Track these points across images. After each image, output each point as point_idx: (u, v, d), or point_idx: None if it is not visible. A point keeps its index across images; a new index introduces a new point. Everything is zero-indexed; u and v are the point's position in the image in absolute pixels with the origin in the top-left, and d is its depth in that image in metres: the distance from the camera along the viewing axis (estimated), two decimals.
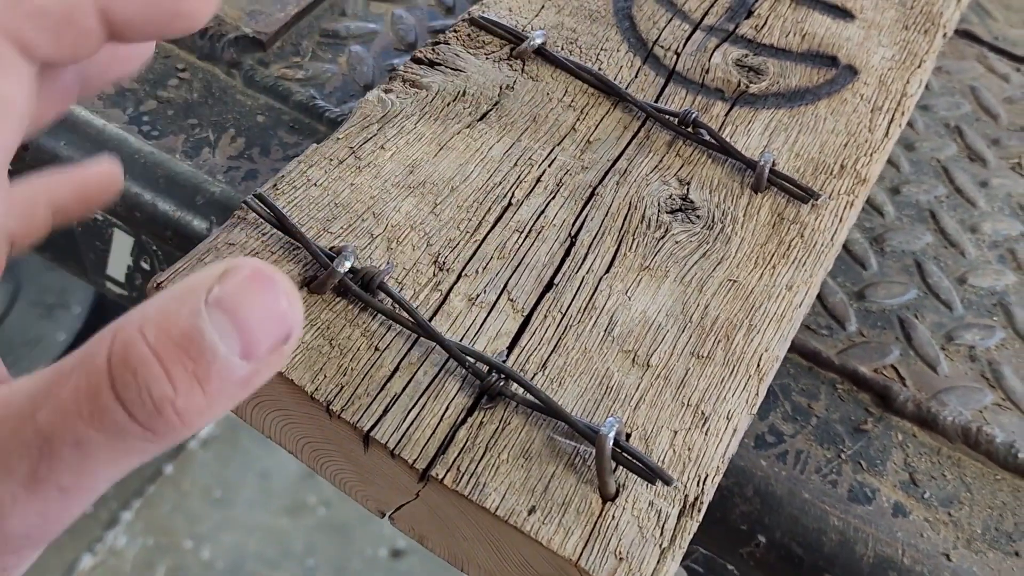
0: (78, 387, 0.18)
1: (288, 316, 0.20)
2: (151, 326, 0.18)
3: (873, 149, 0.42)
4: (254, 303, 0.19)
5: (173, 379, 0.18)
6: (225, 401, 0.19)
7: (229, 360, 0.19)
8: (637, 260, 0.36)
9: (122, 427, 0.18)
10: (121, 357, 0.18)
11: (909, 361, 0.44)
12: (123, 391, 0.18)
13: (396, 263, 0.34)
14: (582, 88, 0.42)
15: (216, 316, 0.19)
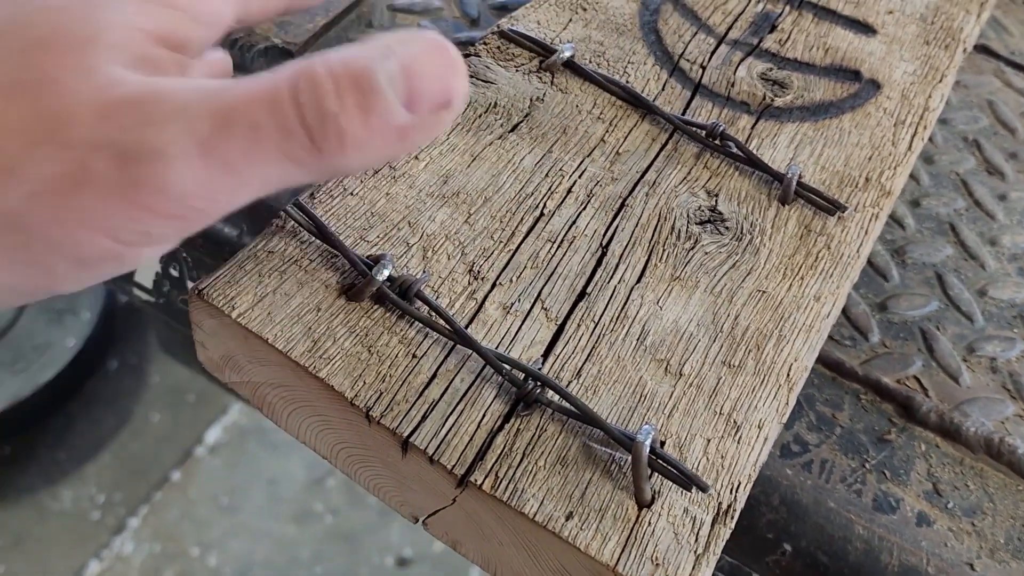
0: (263, 85, 0.22)
1: (453, 85, 0.23)
2: (331, 62, 0.22)
3: (897, 162, 0.43)
4: (424, 63, 0.22)
5: (343, 101, 0.21)
6: (381, 143, 0.22)
7: (393, 103, 0.22)
8: (668, 270, 0.36)
9: (291, 127, 0.22)
10: (303, 73, 0.21)
11: (931, 372, 0.45)
12: (299, 96, 0.21)
13: (432, 272, 0.35)
14: (610, 100, 0.42)
15: (388, 65, 0.22)
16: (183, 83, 0.23)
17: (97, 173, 0.21)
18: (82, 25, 0.24)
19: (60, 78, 0.22)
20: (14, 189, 0.21)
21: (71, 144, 0.21)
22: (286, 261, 0.34)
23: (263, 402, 0.35)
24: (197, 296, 0.33)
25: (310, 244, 0.34)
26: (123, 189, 0.22)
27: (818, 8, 0.50)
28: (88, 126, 0.22)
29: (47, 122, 0.22)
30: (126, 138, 0.22)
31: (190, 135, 0.22)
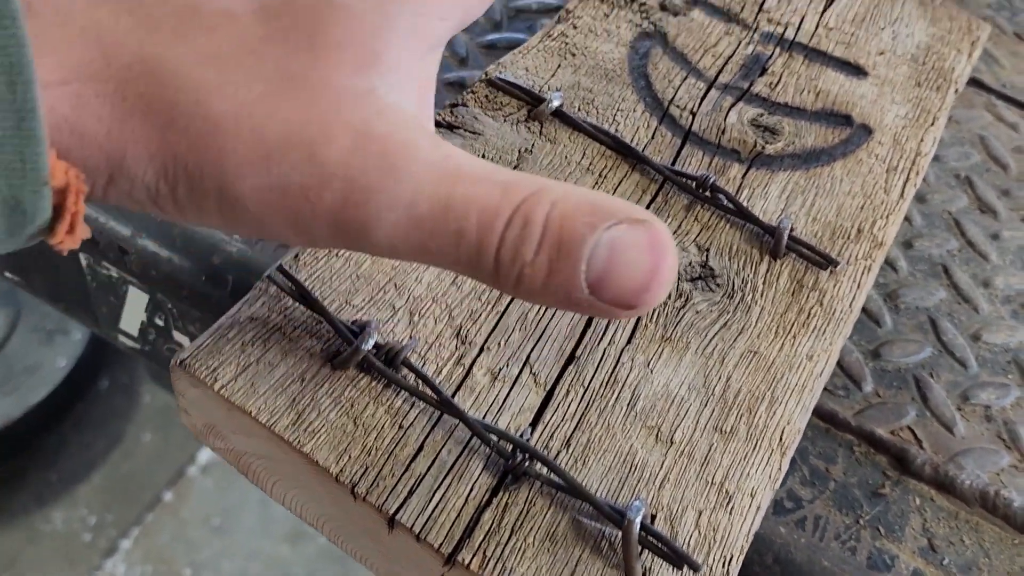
0: (487, 199, 0.23)
1: (644, 296, 0.23)
2: (560, 209, 0.22)
3: (889, 211, 0.42)
4: (631, 265, 0.23)
5: (538, 256, 0.22)
6: (551, 296, 0.23)
7: (580, 280, 0.22)
8: (658, 331, 0.36)
9: (486, 252, 0.23)
10: (527, 210, 0.22)
11: (926, 422, 0.44)
12: (508, 229, 0.23)
13: (419, 337, 0.34)
14: (600, 150, 0.42)
15: (600, 247, 0.22)
16: (427, 143, 0.24)
17: (324, 197, 0.23)
18: (372, 28, 0.25)
19: (335, 90, 0.23)
20: (252, 178, 0.23)
21: (318, 164, 0.23)
22: (270, 328, 0.33)
23: (248, 469, 0.34)
24: (179, 367, 0.32)
25: (294, 310, 0.34)
26: (336, 218, 0.23)
27: (809, 50, 0.50)
28: (339, 155, 0.23)
29: (307, 133, 0.23)
30: (362, 181, 0.23)
31: (409, 211, 0.23)
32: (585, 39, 0.47)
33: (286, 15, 0.24)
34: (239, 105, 0.23)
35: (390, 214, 0.23)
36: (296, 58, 0.24)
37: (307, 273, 0.35)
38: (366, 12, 0.25)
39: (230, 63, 0.23)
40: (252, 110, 0.23)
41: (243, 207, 0.24)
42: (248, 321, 0.33)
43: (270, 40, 0.24)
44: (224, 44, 0.23)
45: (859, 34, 0.51)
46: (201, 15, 0.23)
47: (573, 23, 0.48)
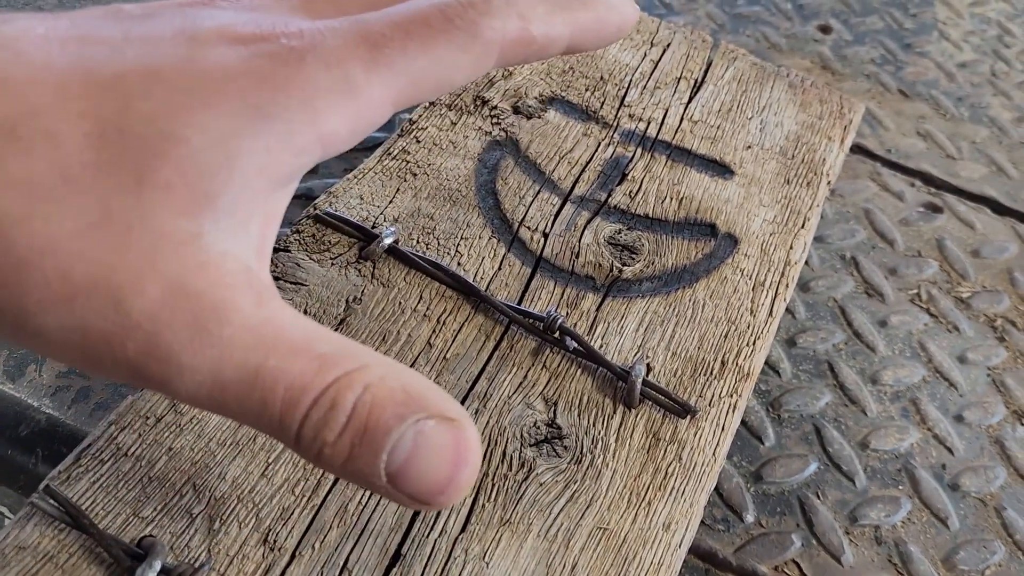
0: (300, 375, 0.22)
1: (439, 498, 0.22)
2: (372, 394, 0.22)
3: (756, 335, 0.39)
4: (431, 465, 0.22)
5: (341, 436, 0.22)
6: (350, 477, 0.22)
7: (378, 469, 0.22)
8: (496, 513, 0.32)
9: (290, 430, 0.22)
10: (336, 392, 0.22)
11: (812, 552, 0.41)
12: (313, 408, 0.22)
13: (219, 549, 0.30)
14: (439, 291, 0.38)
15: (404, 440, 0.22)
16: (248, 304, 0.23)
17: (125, 347, 0.22)
18: (210, 167, 0.23)
19: (156, 235, 0.22)
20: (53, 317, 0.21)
21: (122, 314, 0.21)
22: (39, 559, 0.29)
23: None
24: None
25: (69, 532, 0.29)
26: (135, 368, 0.22)
27: (672, 148, 0.47)
28: (145, 308, 0.22)
29: (116, 280, 0.21)
30: (165, 340, 0.22)
31: (212, 374, 0.22)
32: (429, 154, 0.44)
33: (118, 143, 0.22)
34: (46, 240, 0.21)
35: (192, 375, 0.22)
36: (119, 194, 0.22)
37: (89, 480, 0.31)
38: (206, 148, 0.23)
39: (42, 192, 0.21)
40: (59, 247, 0.21)
41: (40, 341, 0.22)
42: (15, 552, 0.29)
43: (95, 169, 0.22)
44: (40, 170, 0.21)
45: (725, 127, 0.48)
46: (19, 134, 0.21)
47: (416, 136, 0.44)
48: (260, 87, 0.23)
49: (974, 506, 0.44)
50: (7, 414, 0.40)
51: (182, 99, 0.23)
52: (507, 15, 0.27)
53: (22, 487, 0.41)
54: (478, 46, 0.27)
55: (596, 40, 0.30)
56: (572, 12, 0.29)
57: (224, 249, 0.23)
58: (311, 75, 0.24)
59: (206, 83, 0.23)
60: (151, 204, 0.22)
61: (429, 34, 0.26)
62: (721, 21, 0.72)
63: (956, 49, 0.74)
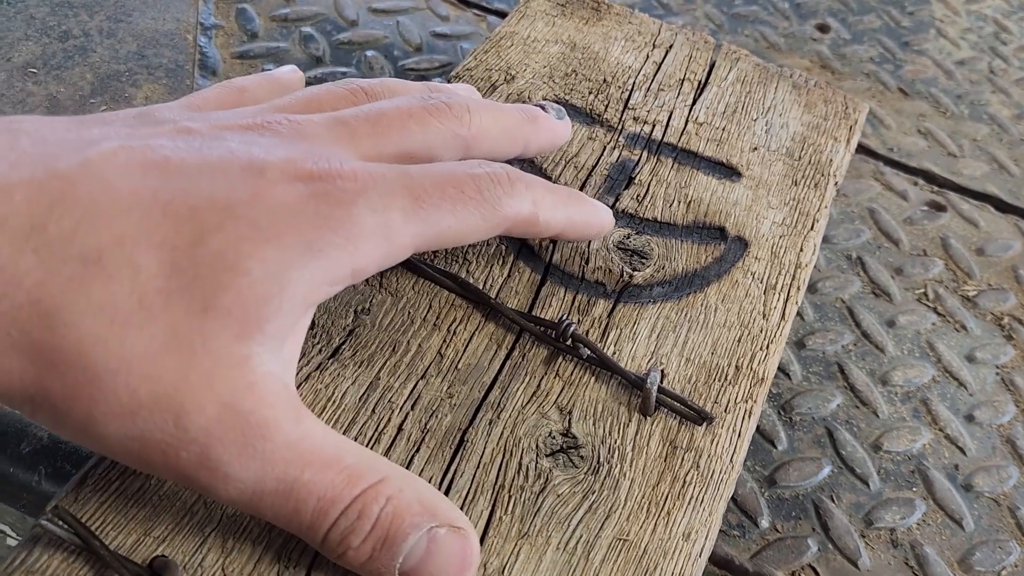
0: (331, 487, 0.25)
1: None
2: (393, 506, 0.25)
3: (769, 339, 0.39)
4: (440, 568, 0.26)
5: (364, 542, 0.25)
6: (369, 573, 0.26)
7: (394, 568, 0.25)
8: (514, 526, 0.32)
9: (316, 534, 0.26)
10: (362, 504, 0.25)
11: (828, 557, 0.41)
12: (341, 518, 0.25)
13: (233, 568, 0.29)
14: (448, 299, 0.38)
15: (418, 545, 0.25)
16: (288, 421, 0.25)
17: (179, 456, 0.24)
18: (264, 297, 0.25)
19: (214, 357, 0.24)
20: (116, 427, 0.24)
21: (181, 428, 0.24)
22: None
23: None
24: None
25: (79, 554, 0.29)
26: (185, 474, 0.25)
27: (679, 151, 0.46)
28: (204, 422, 0.24)
29: (178, 398, 0.24)
30: (216, 454, 0.24)
31: (255, 484, 0.25)
32: None
33: (189, 272, 0.25)
34: (120, 360, 0.24)
35: (236, 484, 0.25)
36: (186, 319, 0.24)
37: (98, 501, 0.30)
38: (264, 280, 0.25)
39: (121, 315, 0.24)
40: (131, 368, 0.24)
41: (101, 445, 0.25)
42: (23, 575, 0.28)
43: (166, 295, 0.24)
44: (121, 294, 0.24)
45: (731, 128, 0.48)
46: (104, 263, 0.24)
47: None
48: (315, 225, 0.26)
49: (988, 506, 0.44)
50: (8, 432, 0.39)
51: (249, 232, 0.25)
52: (524, 198, 0.32)
53: (25, 505, 0.40)
54: (496, 218, 0.31)
55: (580, 235, 0.37)
56: (569, 209, 0.35)
57: (268, 370, 0.25)
58: (359, 218, 0.27)
59: (270, 218, 0.26)
60: (212, 329, 0.24)
61: (461, 199, 0.30)
62: (719, 21, 0.72)
63: (954, 47, 0.74)
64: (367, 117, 0.31)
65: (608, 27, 0.53)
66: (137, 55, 0.56)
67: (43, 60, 0.54)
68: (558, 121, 0.39)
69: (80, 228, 0.24)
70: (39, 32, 0.56)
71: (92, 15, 0.58)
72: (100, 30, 0.57)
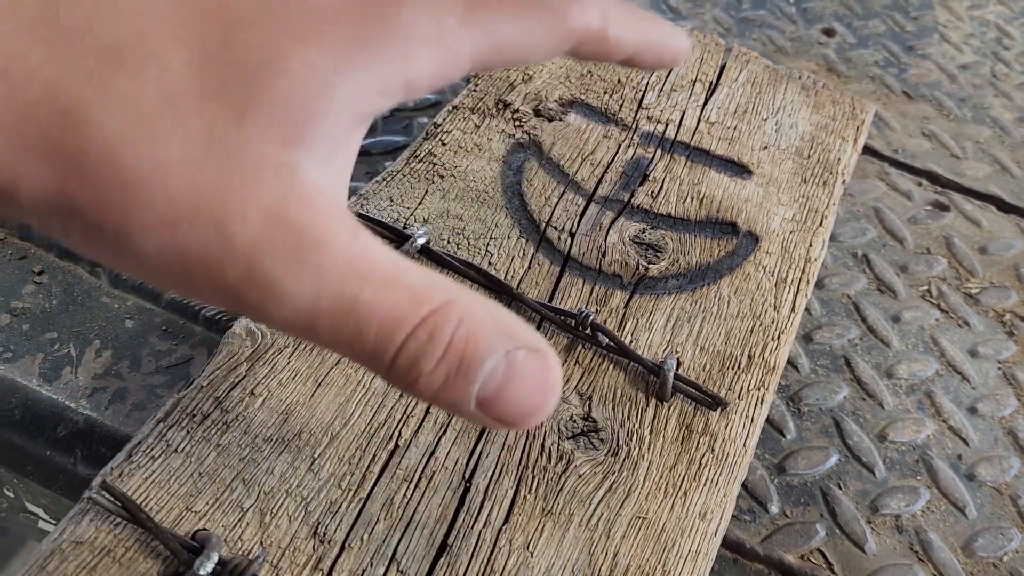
0: (395, 306, 0.22)
1: (528, 420, 0.23)
2: (467, 328, 0.23)
3: (780, 330, 0.40)
4: (521, 392, 0.23)
5: (437, 369, 0.22)
6: (439, 403, 0.23)
7: (470, 397, 0.23)
8: (538, 504, 0.33)
9: (383, 355, 0.23)
10: (432, 325, 0.22)
11: (836, 541, 0.42)
12: (410, 341, 0.22)
13: (271, 541, 0.31)
14: (472, 289, 0.39)
15: (496, 369, 0.23)
16: (342, 234, 0.23)
17: (225, 272, 0.22)
18: (309, 97, 0.23)
19: (257, 162, 0.22)
20: (155, 240, 0.22)
21: (224, 239, 0.22)
22: (96, 553, 0.29)
23: None
24: None
25: (124, 527, 0.30)
26: (234, 294, 0.22)
27: (691, 149, 0.48)
28: (247, 234, 0.22)
29: (219, 205, 0.22)
30: (266, 267, 0.22)
31: (310, 302, 0.22)
32: (455, 156, 0.45)
33: (222, 72, 0.22)
34: (153, 165, 0.21)
35: (291, 302, 0.22)
36: (223, 120, 0.22)
37: (141, 476, 0.31)
38: (304, 81, 0.23)
39: (150, 116, 0.21)
40: (166, 172, 0.21)
41: (139, 262, 0.23)
42: (72, 547, 0.29)
43: (199, 96, 0.22)
44: (147, 93, 0.21)
45: (742, 127, 0.49)
46: (126, 57, 0.21)
47: (441, 139, 0.45)
48: (361, 25, 0.24)
49: (990, 495, 0.45)
50: (44, 416, 0.41)
51: (285, 31, 0.23)
52: (593, 10, 0.29)
53: (60, 487, 0.41)
54: (562, 29, 0.28)
55: (654, 60, 0.32)
56: (644, 27, 0.31)
57: (316, 180, 0.23)
58: (409, 19, 0.24)
59: (310, 17, 0.23)
60: (252, 134, 0.22)
61: (523, 5, 0.27)
62: (727, 25, 0.74)
63: (957, 51, 0.76)
64: None
65: None
66: None
67: None
68: None
69: (96, 19, 0.21)
70: None
71: None
72: None
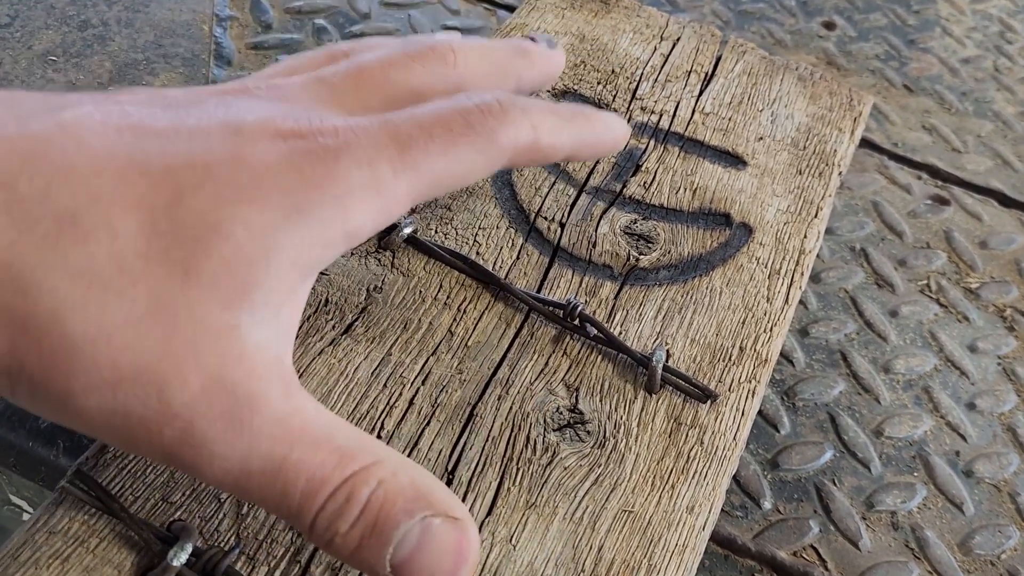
0: (321, 468, 0.23)
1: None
2: (385, 490, 0.23)
3: (773, 322, 0.40)
4: (433, 560, 0.23)
5: (353, 528, 0.23)
6: (356, 565, 0.24)
7: (384, 560, 0.23)
8: (522, 496, 0.32)
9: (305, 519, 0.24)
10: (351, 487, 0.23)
11: (829, 538, 0.41)
12: (329, 501, 0.23)
13: (248, 533, 0.30)
14: (459, 279, 0.39)
15: (410, 534, 0.23)
16: (277, 395, 0.24)
17: (162, 432, 0.23)
18: (250, 260, 0.24)
19: (199, 326, 0.23)
20: (96, 399, 0.23)
21: (164, 403, 0.23)
22: (70, 542, 0.29)
23: None
24: None
25: (99, 517, 0.30)
26: (168, 452, 0.23)
27: (685, 140, 0.47)
28: (185, 399, 0.23)
29: (161, 370, 0.23)
30: (201, 430, 0.23)
31: (241, 462, 0.23)
32: None
33: (169, 234, 0.23)
34: (99, 328, 0.22)
35: (222, 463, 0.23)
36: (169, 282, 0.23)
37: (116, 467, 0.31)
38: (248, 242, 0.24)
39: (99, 280, 0.22)
40: (111, 336, 0.22)
41: (82, 420, 0.23)
42: (45, 536, 0.29)
43: (146, 259, 0.23)
44: (97, 258, 0.22)
45: (737, 118, 0.49)
46: (79, 223, 0.22)
47: None
48: (299, 184, 0.25)
49: (988, 492, 0.45)
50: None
51: (228, 194, 0.24)
52: (521, 125, 0.29)
53: (43, 479, 0.41)
54: (494, 150, 0.29)
55: (593, 153, 0.34)
56: (577, 126, 0.32)
57: (258, 340, 0.24)
58: (344, 174, 0.25)
59: (252, 179, 0.24)
60: (196, 296, 0.23)
61: (450, 138, 0.27)
62: (726, 18, 0.73)
63: (959, 45, 0.75)
64: (347, 73, 0.30)
65: (616, 20, 0.54)
66: (154, 44, 0.57)
67: (63, 48, 0.55)
68: (551, 50, 0.35)
69: (53, 186, 0.22)
70: (59, 21, 0.57)
71: (110, 5, 0.59)
72: (118, 20, 0.58)
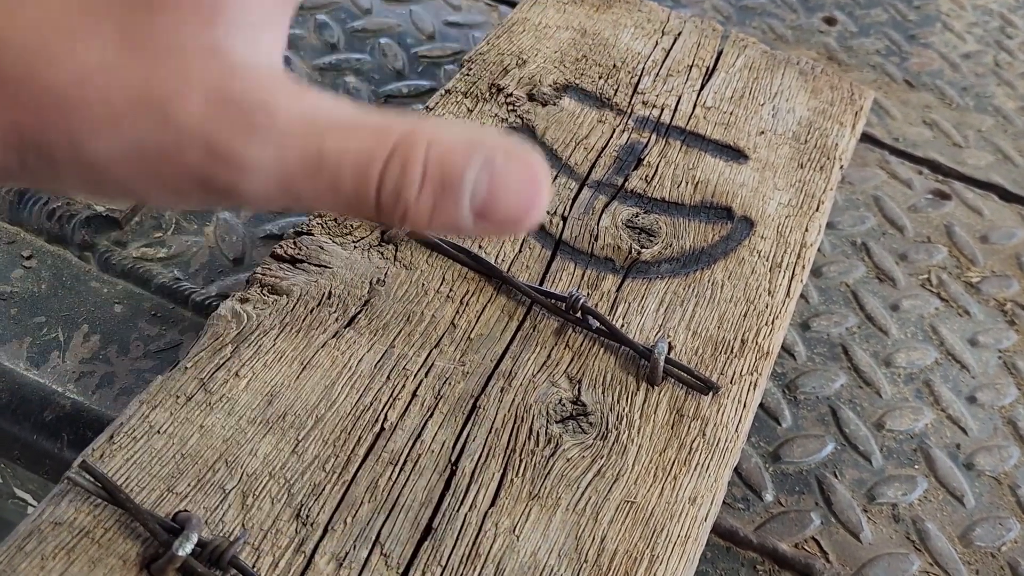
0: (361, 146, 0.22)
1: (524, 220, 0.23)
2: (437, 149, 0.23)
3: (775, 315, 0.40)
4: (510, 193, 0.23)
5: (422, 194, 0.23)
6: (439, 228, 0.23)
7: (465, 211, 0.23)
8: (525, 488, 0.33)
9: (366, 197, 0.23)
10: (404, 153, 0.22)
11: (831, 530, 0.42)
12: (387, 173, 0.22)
13: (253, 523, 0.30)
14: (461, 272, 0.39)
15: (481, 174, 0.23)
16: (286, 98, 0.23)
17: (185, 156, 0.22)
18: None
19: (180, 50, 0.22)
20: (105, 141, 0.22)
21: (173, 125, 0.22)
22: (76, 534, 0.29)
23: None
24: None
25: (104, 508, 0.30)
26: (202, 177, 0.22)
27: (687, 134, 0.47)
28: (194, 115, 0.22)
29: (157, 95, 0.22)
30: (223, 141, 0.22)
31: (278, 166, 0.22)
32: None
33: None
34: (79, 72, 0.21)
35: (260, 173, 0.22)
36: (134, 17, 0.22)
37: (123, 457, 0.31)
38: None
39: (64, 28, 0.22)
40: (94, 75, 0.22)
41: (102, 171, 0.23)
42: (51, 527, 0.29)
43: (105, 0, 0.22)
44: (56, 9, 0.22)
45: (738, 112, 0.49)
46: None
47: None
48: None
49: (989, 484, 0.45)
50: (32, 400, 0.40)
51: None
52: None
53: (47, 472, 0.41)
54: None
55: None
56: None
57: (245, 56, 0.23)
58: None
59: None
60: (166, 23, 0.22)
61: None
62: (727, 13, 0.73)
63: (960, 40, 0.75)
64: None
65: (618, 15, 0.54)
66: None
67: None
68: None
69: None
70: None
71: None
72: None
